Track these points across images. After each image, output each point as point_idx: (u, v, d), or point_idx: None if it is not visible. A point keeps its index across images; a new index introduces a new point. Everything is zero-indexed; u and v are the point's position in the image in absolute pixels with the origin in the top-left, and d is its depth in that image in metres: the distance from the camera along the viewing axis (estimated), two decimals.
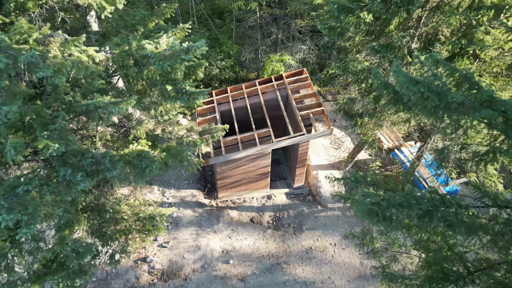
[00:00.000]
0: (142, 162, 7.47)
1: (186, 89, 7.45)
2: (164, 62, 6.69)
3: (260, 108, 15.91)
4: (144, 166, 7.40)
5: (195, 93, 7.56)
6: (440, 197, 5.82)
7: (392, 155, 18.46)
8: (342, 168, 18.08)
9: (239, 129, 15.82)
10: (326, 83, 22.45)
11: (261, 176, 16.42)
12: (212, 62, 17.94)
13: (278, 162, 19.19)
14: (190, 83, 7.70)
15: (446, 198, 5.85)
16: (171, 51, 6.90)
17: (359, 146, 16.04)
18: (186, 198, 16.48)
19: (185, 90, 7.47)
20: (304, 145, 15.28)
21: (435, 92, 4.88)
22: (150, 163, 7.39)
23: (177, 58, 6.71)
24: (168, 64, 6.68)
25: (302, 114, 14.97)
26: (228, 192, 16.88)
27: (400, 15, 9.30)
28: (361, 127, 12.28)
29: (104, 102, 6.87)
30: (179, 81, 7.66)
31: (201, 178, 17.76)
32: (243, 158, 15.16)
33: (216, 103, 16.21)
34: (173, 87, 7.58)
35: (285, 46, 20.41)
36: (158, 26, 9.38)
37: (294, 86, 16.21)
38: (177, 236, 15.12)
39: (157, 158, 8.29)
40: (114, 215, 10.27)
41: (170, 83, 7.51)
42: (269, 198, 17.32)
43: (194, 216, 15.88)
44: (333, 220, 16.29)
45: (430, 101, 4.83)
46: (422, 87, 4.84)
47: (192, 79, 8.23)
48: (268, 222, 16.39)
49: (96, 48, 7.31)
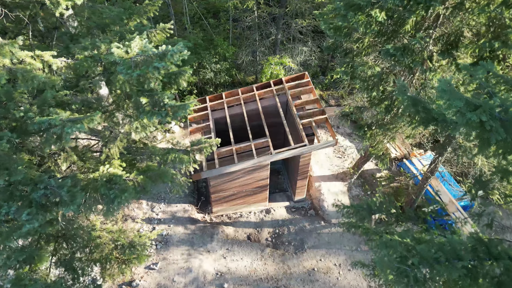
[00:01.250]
0: (110, 192, 6.14)
1: (165, 102, 6.10)
2: (132, 71, 5.37)
3: (257, 115, 14.60)
4: (112, 196, 6.07)
5: (175, 107, 6.22)
6: (485, 247, 4.47)
7: (401, 166, 17.09)
8: (346, 179, 16.74)
9: (235, 138, 14.51)
10: (328, 87, 21.11)
11: (259, 189, 15.09)
12: (206, 65, 16.59)
13: (278, 171, 17.86)
14: (170, 94, 6.34)
15: (493, 248, 4.49)
16: (144, 57, 5.57)
17: (365, 156, 14.69)
18: (177, 213, 15.14)
19: (163, 103, 6.12)
20: (305, 156, 13.95)
21: (497, 120, 3.51)
22: (120, 193, 6.06)
23: (149, 65, 5.39)
24: (138, 73, 5.36)
25: (303, 122, 13.64)
26: (223, 206, 15.55)
27: (418, 13, 7.96)
28: (370, 139, 10.93)
29: (60, 120, 5.53)
30: (156, 92, 6.32)
31: (194, 190, 16.42)
32: (239, 171, 13.82)
33: (209, 109, 14.88)
34: (149, 99, 6.23)
35: (285, 48, 19.06)
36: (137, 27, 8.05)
37: (294, 91, 14.87)
38: (167, 256, 13.77)
39: (132, 183, 6.95)
40: (89, 243, 8.93)
41: (145, 95, 6.17)
42: (268, 213, 15.98)
43: (186, 233, 14.54)
44: (337, 237, 14.94)
45: (495, 134, 3.44)
46: (482, 113, 3.44)
47: (174, 89, 6.89)
48: (267, 240, 15.05)
49: (53, 53, 5.98)
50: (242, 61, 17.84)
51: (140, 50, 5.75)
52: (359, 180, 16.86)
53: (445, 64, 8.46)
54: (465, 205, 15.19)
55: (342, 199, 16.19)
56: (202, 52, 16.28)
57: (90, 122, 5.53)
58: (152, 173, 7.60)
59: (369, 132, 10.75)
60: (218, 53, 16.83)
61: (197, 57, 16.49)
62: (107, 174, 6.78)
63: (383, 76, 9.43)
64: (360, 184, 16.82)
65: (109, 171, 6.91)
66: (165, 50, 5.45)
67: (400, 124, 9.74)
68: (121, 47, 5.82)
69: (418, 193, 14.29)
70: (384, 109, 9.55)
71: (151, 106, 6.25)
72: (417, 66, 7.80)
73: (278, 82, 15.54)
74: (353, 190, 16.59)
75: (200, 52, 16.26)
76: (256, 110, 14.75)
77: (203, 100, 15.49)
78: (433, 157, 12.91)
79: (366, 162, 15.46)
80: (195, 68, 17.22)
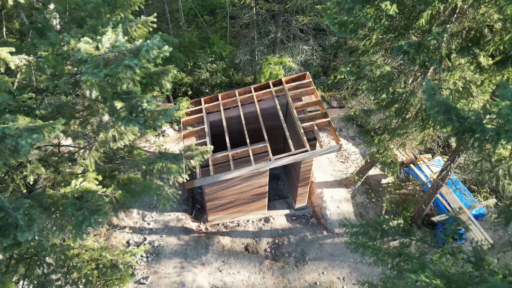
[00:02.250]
0: (79, 212, 5.21)
1: (143, 107, 5.17)
2: (100, 70, 4.45)
3: (255, 118, 13.68)
4: (81, 218, 5.14)
5: (155, 113, 5.29)
6: None
7: (408, 172, 16.14)
8: (350, 186, 15.80)
9: (232, 143, 13.59)
10: (330, 88, 20.17)
11: (257, 196, 14.16)
12: (201, 65, 15.67)
13: (278, 177, 16.93)
14: (151, 97, 5.41)
15: None
16: (116, 53, 4.65)
17: (371, 162, 13.75)
18: (170, 222, 14.21)
19: (141, 108, 5.19)
20: (307, 162, 13.02)
21: None
22: (89, 214, 5.13)
23: (119, 64, 4.47)
24: (106, 72, 4.44)
25: (304, 126, 12.72)
26: (219, 214, 14.62)
27: (435, 5, 7.03)
28: (378, 145, 10.01)
29: (17, 129, 4.61)
30: (134, 95, 5.38)
31: (189, 198, 15.50)
32: (236, 178, 12.90)
33: (205, 112, 13.95)
34: (125, 103, 5.30)
35: (284, 47, 18.12)
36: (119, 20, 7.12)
37: (295, 92, 13.95)
38: (158, 269, 12.84)
39: (109, 199, 6.01)
40: (65, 262, 8.00)
41: (121, 98, 5.24)
42: (267, 221, 15.05)
43: (179, 244, 13.61)
44: (341, 249, 14.00)
45: None
46: None
47: (156, 91, 5.97)
48: (266, 251, 14.12)
49: (12, 49, 5.06)
50: (240, 60, 16.91)
51: (111, 46, 4.83)
52: (363, 187, 15.93)
53: (464, 63, 7.55)
54: (477, 214, 14.26)
55: (346, 207, 15.26)
56: (197, 51, 15.35)
57: (51, 131, 4.62)
58: (134, 186, 6.66)
59: (376, 137, 9.83)
60: (214, 52, 15.91)
61: (192, 56, 15.58)
62: (78, 190, 5.85)
63: (393, 76, 8.51)
64: (365, 191, 15.89)
65: (82, 186, 5.99)
66: (139, 46, 4.53)
67: (411, 130, 8.82)
68: (90, 42, 4.91)
69: (428, 202, 13.35)
70: (394, 112, 8.63)
71: (128, 111, 5.32)
72: (434, 65, 6.88)
73: (277, 83, 14.63)
74: (357, 197, 15.66)
75: (195, 51, 15.34)
76: (254, 113, 13.83)
77: (197, 102, 14.57)
78: (445, 164, 11.99)
79: (371, 168, 14.53)
80: (190, 68, 16.30)
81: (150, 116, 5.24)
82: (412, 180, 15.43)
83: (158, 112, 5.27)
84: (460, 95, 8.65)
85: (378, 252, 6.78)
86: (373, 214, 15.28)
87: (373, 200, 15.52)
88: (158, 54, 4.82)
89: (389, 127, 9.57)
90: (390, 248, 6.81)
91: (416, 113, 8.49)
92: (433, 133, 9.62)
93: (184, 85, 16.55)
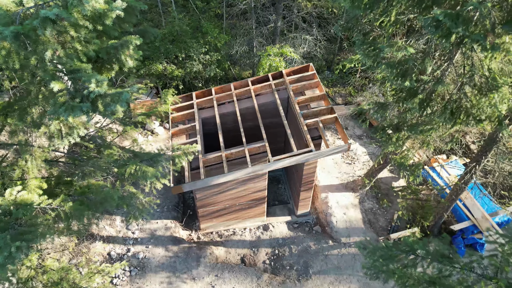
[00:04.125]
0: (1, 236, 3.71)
1: (90, 89, 3.68)
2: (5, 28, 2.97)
3: (253, 115, 12.20)
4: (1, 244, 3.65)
5: (108, 98, 3.80)
6: None
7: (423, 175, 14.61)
8: (358, 189, 14.30)
9: (226, 142, 12.13)
10: (335, 83, 18.67)
11: (255, 202, 12.67)
12: (193, 56, 14.17)
13: (278, 180, 15.44)
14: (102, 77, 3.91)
15: None
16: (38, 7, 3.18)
17: (383, 164, 12.24)
18: (158, 231, 12.71)
19: (87, 91, 3.70)
20: (311, 164, 11.52)
21: None
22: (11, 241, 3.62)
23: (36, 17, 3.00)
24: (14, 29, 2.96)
25: (308, 122, 11.23)
26: (213, 222, 13.13)
27: None
28: (395, 145, 8.49)
29: None
30: (80, 74, 3.88)
31: (179, 203, 13.99)
32: (231, 181, 11.41)
33: (196, 107, 12.46)
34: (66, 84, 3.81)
35: (285, 38, 16.62)
36: None
37: (297, 86, 12.45)
38: (143, 285, 11.34)
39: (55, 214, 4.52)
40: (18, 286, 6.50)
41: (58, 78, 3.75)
42: (266, 229, 13.55)
43: (167, 256, 12.11)
44: (348, 261, 12.50)
45: None
46: None
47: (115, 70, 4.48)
48: (264, 263, 12.62)
49: None
50: (236, 51, 15.39)
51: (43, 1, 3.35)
52: (372, 191, 14.42)
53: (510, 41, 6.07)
54: (501, 221, 12.75)
55: (353, 213, 13.75)
56: (189, 41, 13.86)
57: None
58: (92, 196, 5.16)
59: (394, 135, 8.31)
60: (208, 42, 14.41)
61: (184, 47, 14.09)
62: (11, 202, 4.35)
63: (416, 61, 7.02)
64: (374, 196, 14.38)
65: (19, 197, 4.48)
66: None
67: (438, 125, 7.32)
68: None
69: (447, 208, 11.85)
70: (417, 104, 7.16)
71: (70, 95, 3.83)
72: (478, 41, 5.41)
73: (277, 76, 13.14)
74: (366, 202, 14.15)
75: (186, 40, 13.84)
76: (252, 109, 12.35)
77: (188, 96, 13.08)
78: (468, 166, 10.47)
79: (382, 170, 13.01)
80: (181, 60, 14.83)
81: (100, 101, 3.76)
82: (430, 184, 13.90)
83: (111, 96, 3.78)
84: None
85: (406, 280, 5.27)
86: (383, 221, 13.78)
87: (384, 206, 14.01)
88: (105, 11, 3.33)
89: (409, 123, 8.08)
90: (420, 275, 5.31)
91: (445, 105, 7.01)
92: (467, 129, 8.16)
93: (175, 79, 15.06)
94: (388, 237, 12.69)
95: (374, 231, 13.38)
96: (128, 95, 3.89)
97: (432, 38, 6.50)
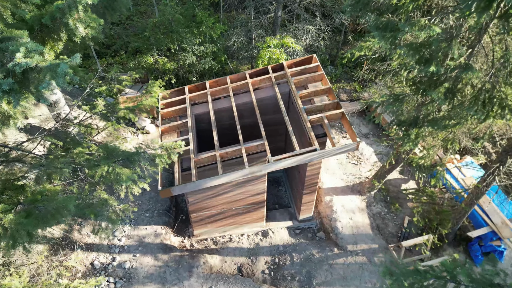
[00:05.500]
0: None
1: (17, 61, 2.60)
2: None
3: (251, 111, 11.14)
4: None
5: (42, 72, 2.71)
6: None
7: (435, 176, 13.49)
8: (365, 192, 13.20)
9: (221, 141, 11.06)
10: (339, 79, 17.57)
11: (253, 206, 11.58)
12: (186, 47, 13.07)
13: (278, 182, 14.36)
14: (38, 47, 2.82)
15: None
16: None
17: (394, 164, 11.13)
18: (147, 238, 11.61)
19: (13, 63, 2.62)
20: (314, 164, 10.45)
21: None
22: None
23: None
24: None
25: (312, 119, 10.15)
26: (207, 227, 12.04)
27: None
28: (414, 142, 7.37)
29: None
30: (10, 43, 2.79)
31: (171, 207, 12.88)
32: (226, 184, 10.32)
33: (189, 102, 11.37)
34: None
35: (287, 29, 15.52)
36: None
37: (299, 79, 11.37)
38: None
39: None
40: None
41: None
42: (265, 236, 12.46)
43: (157, 266, 11.01)
44: (355, 270, 11.41)
45: None
46: None
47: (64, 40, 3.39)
48: (264, 273, 11.52)
49: None
50: (234, 43, 14.29)
51: None
52: (380, 194, 13.32)
53: None
54: None
55: (360, 218, 12.65)
56: (182, 31, 12.76)
57: None
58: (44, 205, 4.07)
59: (414, 131, 7.19)
60: (203, 32, 13.31)
61: (176, 37, 12.99)
62: None
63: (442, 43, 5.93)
64: (382, 199, 13.28)
65: None
66: None
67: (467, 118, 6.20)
68: None
69: (464, 213, 10.75)
70: (443, 94, 6.05)
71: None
72: None
73: (278, 68, 12.05)
74: (373, 206, 13.05)
75: (179, 30, 12.74)
76: (250, 104, 11.28)
77: (181, 90, 11.99)
78: (490, 167, 9.38)
79: (392, 171, 11.91)
80: (173, 52, 13.72)
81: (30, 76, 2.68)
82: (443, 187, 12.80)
83: (45, 70, 2.70)
84: None
85: None
86: (393, 227, 12.68)
87: (393, 210, 12.91)
88: None
89: (431, 117, 6.98)
90: None
91: (475, 95, 5.92)
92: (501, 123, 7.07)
93: (168, 73, 13.96)
94: (399, 244, 11.59)
95: (383, 237, 12.28)
96: (67, 66, 2.82)
97: (463, 15, 5.40)
